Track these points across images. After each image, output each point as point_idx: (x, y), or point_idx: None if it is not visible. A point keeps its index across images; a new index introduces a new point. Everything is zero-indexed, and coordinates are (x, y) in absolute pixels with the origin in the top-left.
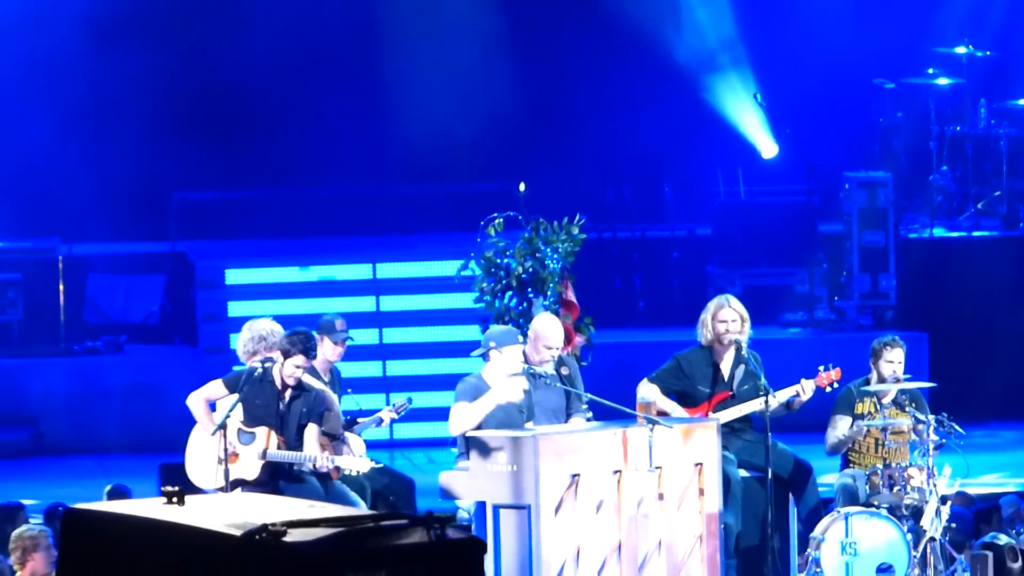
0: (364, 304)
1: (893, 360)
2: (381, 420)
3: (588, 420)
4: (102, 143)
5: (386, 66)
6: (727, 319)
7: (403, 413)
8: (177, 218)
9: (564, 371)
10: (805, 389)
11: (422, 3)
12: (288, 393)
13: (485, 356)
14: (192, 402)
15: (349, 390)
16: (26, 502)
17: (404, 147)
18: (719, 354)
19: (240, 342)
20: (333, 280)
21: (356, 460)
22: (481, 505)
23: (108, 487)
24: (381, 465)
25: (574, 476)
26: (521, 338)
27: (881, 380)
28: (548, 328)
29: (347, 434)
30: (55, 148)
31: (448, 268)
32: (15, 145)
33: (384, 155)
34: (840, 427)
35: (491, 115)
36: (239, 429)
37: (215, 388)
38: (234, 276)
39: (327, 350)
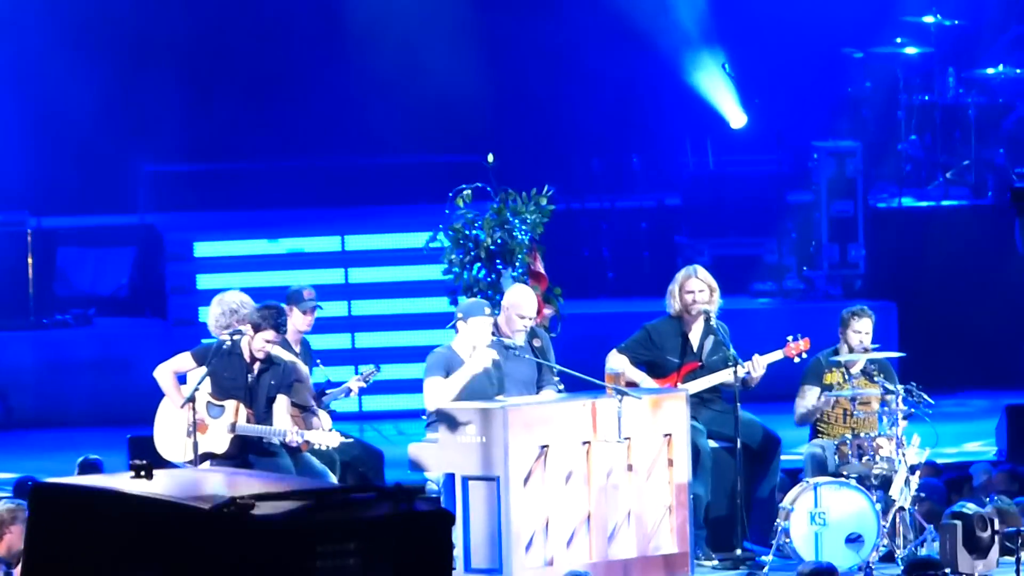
0: (333, 276)
1: (861, 330)
2: (349, 390)
3: (559, 392)
4: (70, 115)
5: (354, 37)
6: (694, 289)
7: (371, 381)
8: (146, 191)
9: (536, 343)
10: (756, 365)
11: None
12: (257, 366)
13: (455, 327)
14: (160, 374)
15: (318, 362)
16: None
17: (372, 118)
18: (688, 324)
19: (211, 316)
20: (302, 252)
21: (326, 435)
22: (450, 477)
23: (80, 460)
24: (351, 439)
25: (543, 447)
26: (488, 310)
27: (850, 350)
28: (521, 299)
29: (319, 410)
30: (22, 120)
31: (417, 240)
32: None
33: (353, 127)
34: (808, 397)
35: (459, 86)
36: (208, 402)
37: (183, 361)
38: (203, 248)
39: (296, 320)
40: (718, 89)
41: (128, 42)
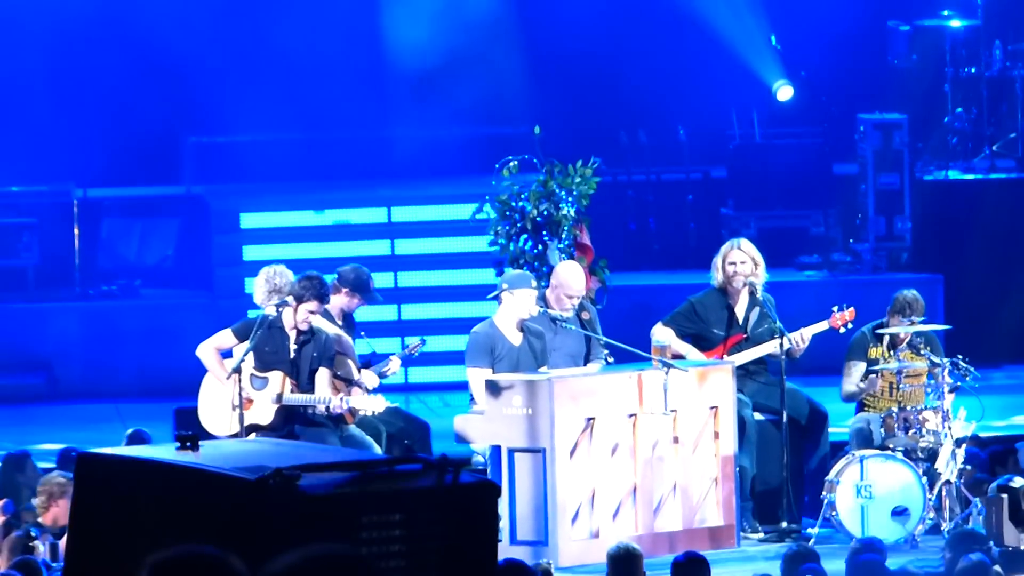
0: (379, 248)
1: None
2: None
3: (607, 364)
4: (117, 86)
5: (397, 8)
6: (736, 261)
7: (417, 354)
8: (192, 161)
9: (585, 316)
10: (803, 338)
11: None
12: (300, 338)
13: (498, 298)
14: (202, 352)
15: (363, 333)
16: (41, 447)
17: (419, 89)
18: (733, 297)
19: (256, 288)
20: (348, 224)
21: (370, 400)
22: (496, 448)
23: (129, 431)
24: (395, 405)
25: (589, 419)
26: (535, 283)
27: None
28: (570, 277)
29: (362, 371)
30: (69, 92)
31: (463, 211)
32: (29, 90)
33: (400, 99)
34: (854, 374)
35: (505, 57)
36: (251, 375)
37: (224, 337)
38: (249, 220)
39: (349, 303)
40: (765, 62)
41: (173, 11)
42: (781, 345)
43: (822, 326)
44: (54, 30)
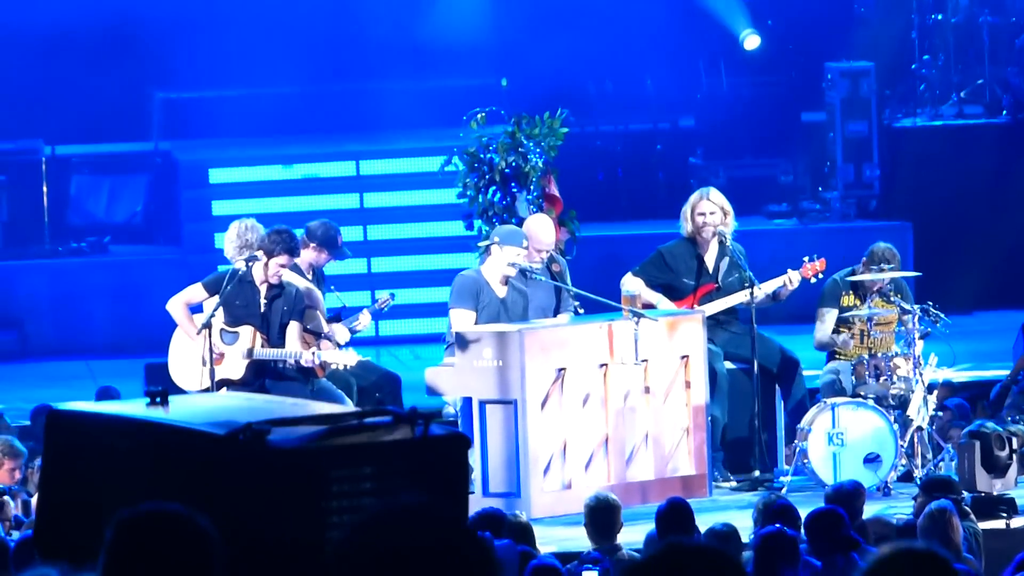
0: (348, 201)
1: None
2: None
3: (578, 315)
4: (83, 43)
5: None
6: (706, 211)
7: (386, 309)
8: (160, 117)
9: (555, 268)
10: (792, 279)
11: None
12: (269, 291)
13: (488, 249)
14: (172, 307)
15: (332, 287)
16: (11, 406)
17: (385, 43)
18: (703, 247)
19: (227, 242)
20: (317, 177)
21: (342, 354)
22: (467, 401)
23: (97, 389)
24: (366, 359)
25: (560, 370)
26: (526, 242)
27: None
28: (539, 230)
29: (332, 325)
30: (36, 49)
31: (431, 164)
32: None
33: (366, 51)
34: (828, 321)
35: (471, 9)
36: (221, 330)
37: (195, 291)
38: (218, 175)
39: (317, 258)
40: (730, 10)
41: None
42: (752, 294)
43: (796, 275)
44: None
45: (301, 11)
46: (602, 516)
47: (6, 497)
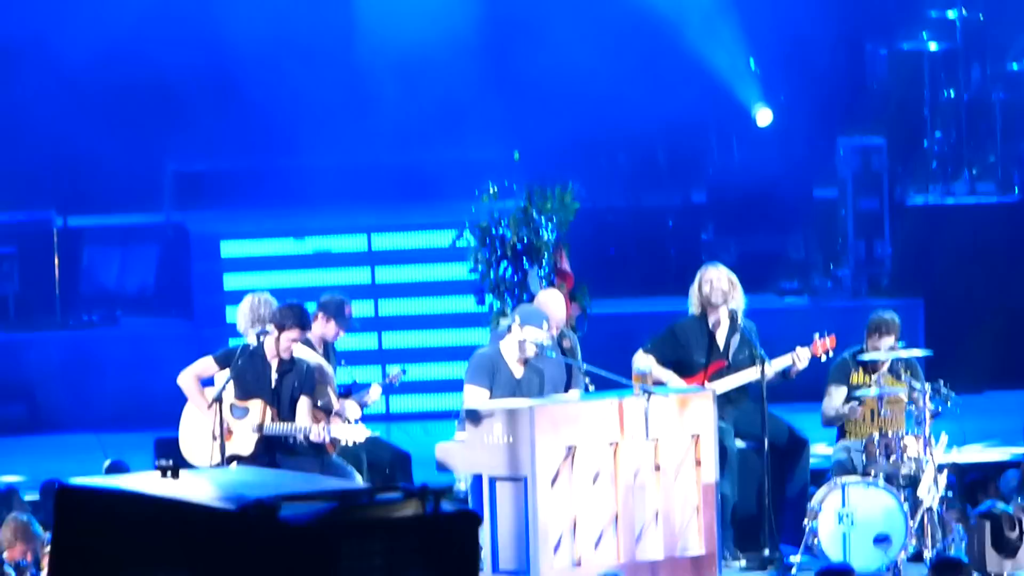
0: (359, 276)
1: (882, 346)
2: (365, 404)
3: (589, 392)
4: (96, 115)
5: (374, 34)
6: (712, 279)
7: (398, 383)
8: (172, 189)
9: (566, 343)
10: (801, 357)
11: None
12: (281, 367)
13: (509, 328)
14: (183, 380)
15: (343, 362)
16: (17, 478)
17: (398, 116)
18: (714, 323)
19: (239, 315)
20: (328, 252)
21: (352, 429)
22: (477, 477)
23: (107, 462)
24: (376, 434)
25: (570, 447)
26: (546, 324)
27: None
28: (551, 305)
29: (343, 401)
30: (50, 120)
31: (443, 238)
32: (9, 117)
33: (378, 124)
34: (836, 397)
35: (485, 82)
36: (232, 404)
37: (206, 365)
38: (229, 248)
39: (329, 330)
40: (744, 86)
41: (152, 39)
42: (762, 372)
43: (805, 352)
44: (33, 57)
45: (313, 85)
46: None
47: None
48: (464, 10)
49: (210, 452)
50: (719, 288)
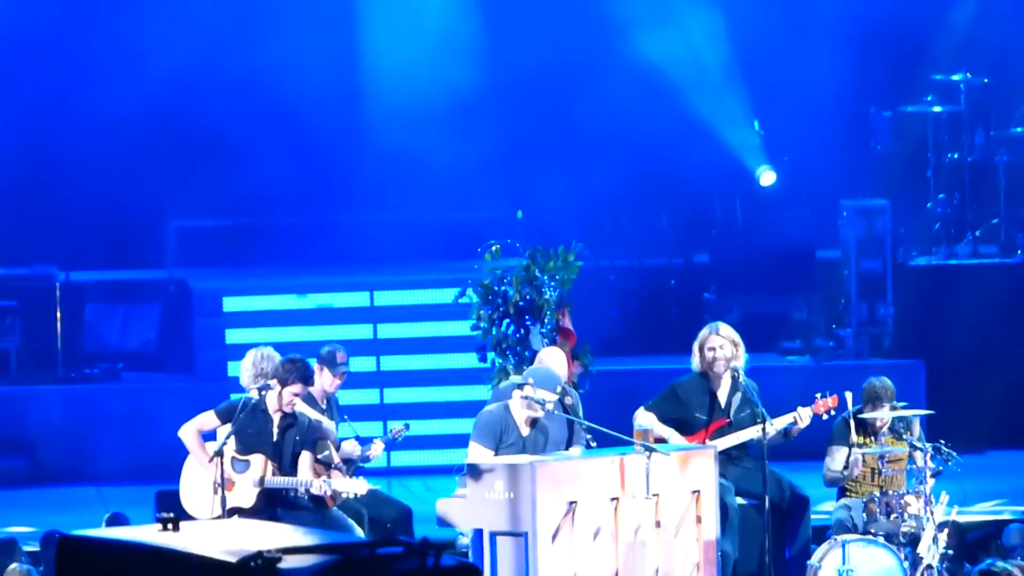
0: (361, 332)
1: (877, 419)
2: (368, 458)
3: (590, 449)
4: (98, 171)
5: (378, 92)
6: (716, 346)
7: (401, 439)
8: (174, 245)
9: (568, 401)
10: (802, 417)
11: (405, 23)
12: (282, 421)
13: (520, 387)
14: (184, 434)
15: (346, 417)
16: (22, 529)
17: (400, 174)
18: (715, 382)
19: (243, 370)
20: (331, 308)
21: (353, 482)
22: (478, 532)
23: (107, 515)
24: (377, 488)
25: (571, 503)
26: (560, 388)
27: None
28: (553, 363)
29: (344, 442)
30: (51, 175)
31: (445, 296)
32: (11, 172)
33: (380, 183)
34: (838, 459)
35: (489, 141)
36: (233, 458)
37: (207, 419)
38: (232, 304)
39: (326, 380)
40: (748, 147)
41: (152, 96)
42: (764, 430)
43: (807, 412)
44: (34, 112)
45: (315, 142)
46: None
47: None
48: (468, 69)
49: (211, 505)
50: (722, 357)
